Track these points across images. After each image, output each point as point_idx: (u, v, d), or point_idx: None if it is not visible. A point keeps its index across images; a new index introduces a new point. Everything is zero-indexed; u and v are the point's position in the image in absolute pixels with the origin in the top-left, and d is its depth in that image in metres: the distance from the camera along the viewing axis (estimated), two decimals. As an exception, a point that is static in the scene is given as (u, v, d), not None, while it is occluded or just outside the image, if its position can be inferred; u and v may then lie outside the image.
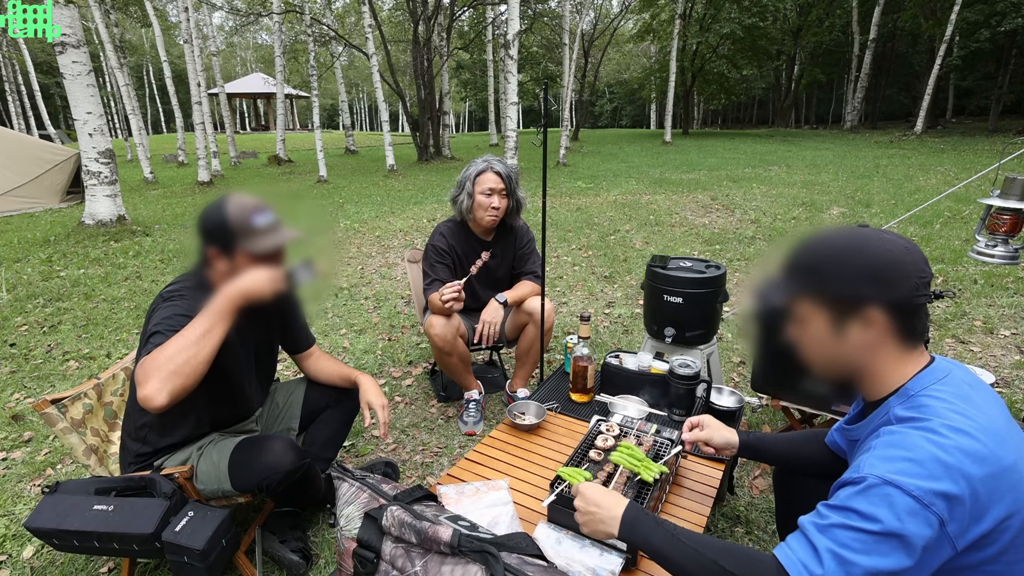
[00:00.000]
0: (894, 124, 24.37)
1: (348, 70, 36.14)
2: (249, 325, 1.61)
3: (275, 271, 1.39)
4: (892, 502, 0.76)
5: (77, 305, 4.26)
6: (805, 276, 0.95)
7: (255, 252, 1.41)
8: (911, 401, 0.88)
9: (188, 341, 1.25)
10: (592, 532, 1.08)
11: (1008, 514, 0.77)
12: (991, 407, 0.85)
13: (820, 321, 0.94)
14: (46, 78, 27.95)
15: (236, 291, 1.32)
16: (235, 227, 1.40)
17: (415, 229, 6.77)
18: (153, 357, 1.22)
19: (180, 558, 1.30)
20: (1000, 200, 2.13)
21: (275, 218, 1.45)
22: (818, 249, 0.94)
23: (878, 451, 0.83)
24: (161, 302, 1.42)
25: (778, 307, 1.00)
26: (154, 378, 1.19)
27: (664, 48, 24.55)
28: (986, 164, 9.90)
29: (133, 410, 1.56)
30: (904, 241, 0.90)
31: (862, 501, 0.78)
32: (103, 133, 6.44)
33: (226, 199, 1.44)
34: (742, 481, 2.10)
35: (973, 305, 3.72)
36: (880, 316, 0.88)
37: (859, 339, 0.91)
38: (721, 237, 5.85)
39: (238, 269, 1.41)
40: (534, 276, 2.50)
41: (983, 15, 16.81)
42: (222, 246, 1.42)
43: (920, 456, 0.77)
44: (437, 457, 2.31)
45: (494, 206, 2.33)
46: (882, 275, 0.87)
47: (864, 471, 0.81)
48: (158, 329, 1.33)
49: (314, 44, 12.64)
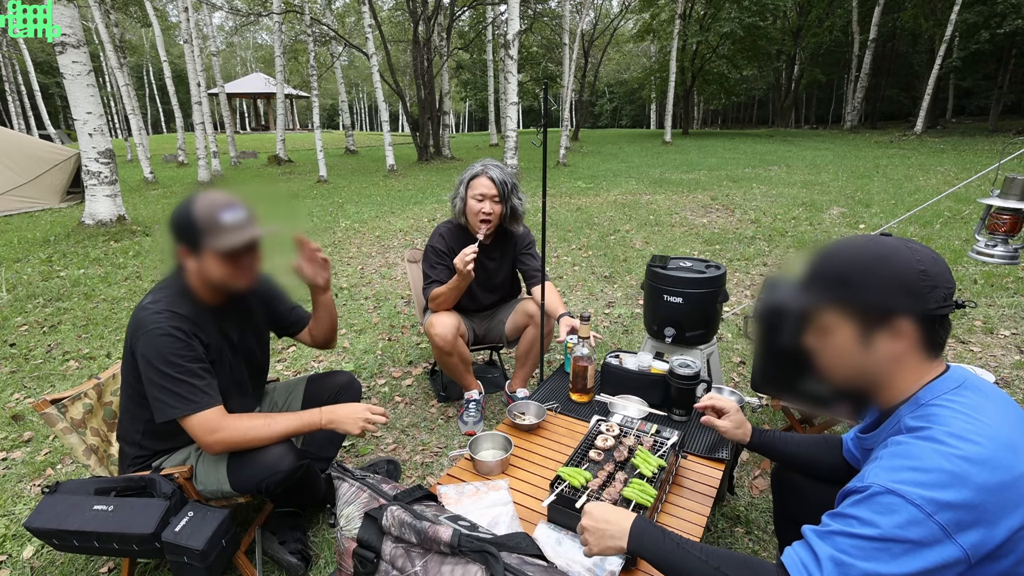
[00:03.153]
0: (894, 124, 24.37)
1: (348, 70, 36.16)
2: (238, 329, 1.62)
3: (367, 416, 1.55)
4: (894, 510, 0.76)
5: (77, 305, 4.26)
6: (833, 286, 0.93)
7: (223, 249, 1.38)
8: (921, 410, 0.88)
9: (268, 431, 1.47)
10: (602, 549, 1.06)
11: (1023, 524, 0.75)
12: (1006, 416, 0.84)
13: (847, 331, 0.93)
14: (46, 78, 27.94)
15: (327, 420, 1.53)
16: (202, 224, 1.38)
17: (415, 229, 6.77)
18: (232, 422, 1.44)
19: (180, 558, 1.31)
20: (1000, 200, 2.13)
21: (245, 214, 1.43)
22: (846, 259, 0.92)
23: (883, 461, 0.83)
24: (159, 332, 1.38)
25: (796, 314, 0.99)
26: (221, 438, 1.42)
27: (664, 48, 24.58)
28: (986, 164, 9.90)
29: (127, 417, 1.56)
30: (930, 251, 0.89)
31: (864, 509, 0.79)
32: (103, 133, 6.44)
33: (195, 196, 1.42)
34: (742, 481, 2.10)
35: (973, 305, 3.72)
36: (909, 327, 0.88)
37: (886, 350, 0.90)
38: (721, 237, 5.84)
39: (206, 268, 1.41)
40: (537, 280, 2.47)
41: (983, 16, 16.80)
42: (190, 244, 1.40)
43: (924, 465, 0.77)
44: (437, 457, 2.31)
45: (485, 211, 2.28)
46: (913, 286, 0.86)
47: (868, 480, 0.81)
48: (182, 379, 1.39)
49: (314, 44, 12.64)
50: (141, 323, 1.39)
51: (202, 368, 1.43)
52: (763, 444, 1.38)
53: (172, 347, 1.38)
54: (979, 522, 0.74)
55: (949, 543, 0.74)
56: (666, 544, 0.97)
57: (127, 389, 1.53)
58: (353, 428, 1.54)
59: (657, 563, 0.98)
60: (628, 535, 1.02)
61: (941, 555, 0.74)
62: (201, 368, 1.43)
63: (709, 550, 0.94)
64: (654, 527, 1.03)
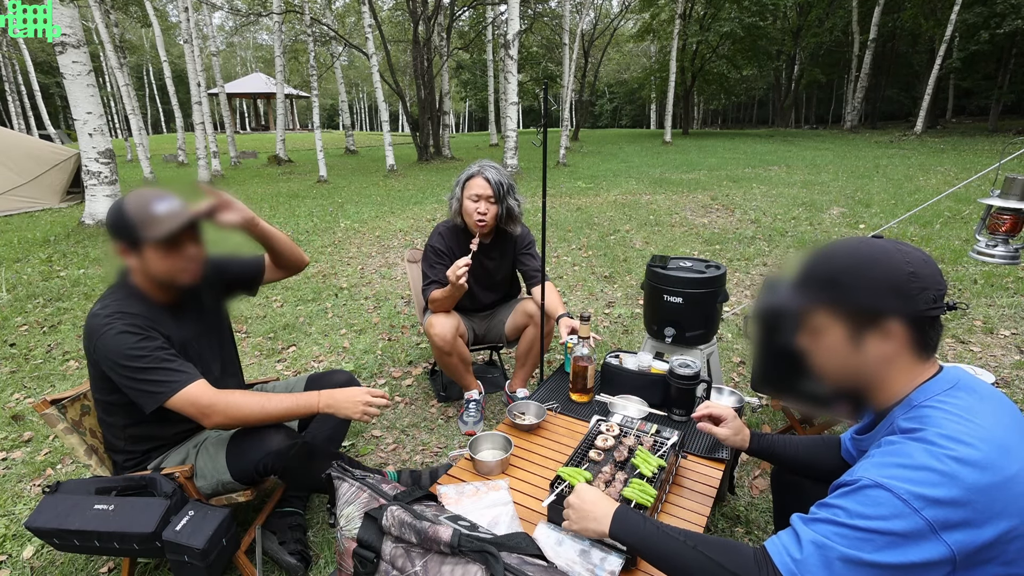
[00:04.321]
0: (894, 124, 24.37)
1: (348, 70, 36.15)
2: (197, 325, 1.60)
3: (367, 399, 1.51)
4: (879, 502, 0.77)
5: (77, 305, 4.26)
6: (823, 288, 0.94)
7: (158, 238, 1.37)
8: (913, 411, 0.88)
9: (262, 411, 1.46)
10: (583, 529, 1.13)
11: (1013, 526, 0.75)
12: (999, 417, 0.84)
13: (837, 333, 0.93)
14: (46, 78, 27.94)
15: (325, 404, 1.50)
16: (135, 219, 1.37)
17: (415, 229, 6.77)
18: (226, 395, 1.44)
19: (180, 557, 1.31)
20: (1000, 200, 2.13)
21: (176, 202, 1.42)
22: (837, 260, 0.93)
23: (875, 458, 0.84)
24: (114, 332, 1.36)
25: (789, 315, 1.00)
26: (217, 410, 1.41)
27: (664, 48, 24.57)
28: (986, 164, 9.90)
29: (105, 427, 1.56)
30: (921, 253, 0.90)
31: (851, 500, 0.80)
32: (103, 133, 6.44)
33: (126, 196, 1.43)
34: (742, 481, 2.10)
35: (973, 305, 3.72)
36: (899, 328, 0.88)
37: (876, 351, 0.91)
38: (721, 237, 5.85)
39: (148, 264, 1.41)
40: (537, 280, 2.47)
41: (982, 17, 16.79)
42: (128, 242, 1.40)
43: (914, 463, 0.78)
44: (437, 457, 2.31)
45: (480, 211, 2.28)
46: (903, 287, 0.86)
47: (858, 474, 0.82)
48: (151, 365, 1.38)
49: (314, 44, 12.64)
50: (94, 330, 1.38)
51: (168, 353, 1.41)
52: (762, 449, 1.39)
53: (130, 342, 1.36)
54: (967, 522, 0.74)
55: (935, 540, 0.74)
56: (646, 528, 1.01)
57: (98, 401, 1.52)
58: (353, 412, 1.51)
59: (639, 547, 1.01)
60: (611, 519, 1.07)
61: (926, 552, 0.74)
62: (167, 353, 1.41)
63: (690, 534, 0.97)
64: (636, 513, 1.07)
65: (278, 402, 1.49)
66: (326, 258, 5.58)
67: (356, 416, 1.52)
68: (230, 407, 1.43)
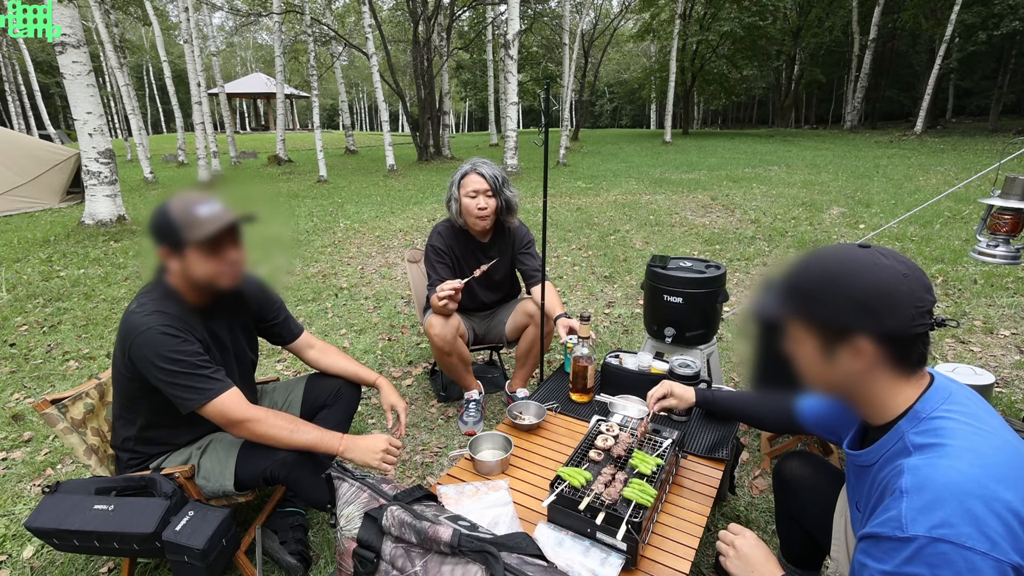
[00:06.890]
0: (894, 124, 24.36)
1: (348, 70, 36.12)
2: (226, 328, 1.62)
3: (386, 447, 1.56)
4: (950, 560, 0.71)
5: (77, 305, 4.26)
6: (796, 299, 0.93)
7: (202, 240, 1.37)
8: (923, 424, 0.86)
9: (289, 437, 1.49)
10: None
11: None
12: (993, 417, 0.86)
13: (810, 345, 0.93)
14: (46, 78, 27.92)
15: (345, 449, 1.53)
16: (180, 221, 1.38)
17: (415, 229, 6.77)
18: (260, 412, 1.49)
19: (180, 557, 1.31)
20: (1001, 200, 2.13)
21: (221, 206, 1.42)
22: (811, 273, 0.91)
23: (912, 498, 0.77)
24: (154, 332, 1.38)
25: (773, 321, 0.99)
26: (248, 426, 1.46)
27: (664, 48, 24.57)
28: (986, 164, 9.90)
29: (120, 424, 1.57)
30: (903, 267, 0.85)
31: (920, 566, 0.74)
32: (103, 133, 6.44)
33: (170, 198, 1.43)
34: (742, 481, 2.10)
35: (973, 305, 3.72)
36: (869, 346, 0.86)
37: (848, 367, 0.89)
38: (721, 237, 5.84)
39: (190, 266, 1.41)
40: (536, 280, 2.47)
41: (980, 17, 16.78)
42: (171, 244, 1.41)
43: (953, 495, 0.74)
44: (437, 457, 2.31)
45: (480, 207, 2.30)
46: (871, 305, 0.83)
47: (907, 528, 0.75)
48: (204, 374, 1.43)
49: (314, 44, 12.64)
50: (133, 327, 1.40)
51: (203, 360, 1.45)
52: (706, 401, 1.63)
53: (170, 344, 1.39)
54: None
55: None
56: None
57: (120, 394, 1.53)
58: (371, 461, 1.54)
59: None
60: None
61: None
62: (202, 360, 1.44)
63: None
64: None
65: (304, 433, 1.52)
66: (326, 258, 5.58)
67: (375, 465, 1.54)
68: (260, 426, 1.47)
